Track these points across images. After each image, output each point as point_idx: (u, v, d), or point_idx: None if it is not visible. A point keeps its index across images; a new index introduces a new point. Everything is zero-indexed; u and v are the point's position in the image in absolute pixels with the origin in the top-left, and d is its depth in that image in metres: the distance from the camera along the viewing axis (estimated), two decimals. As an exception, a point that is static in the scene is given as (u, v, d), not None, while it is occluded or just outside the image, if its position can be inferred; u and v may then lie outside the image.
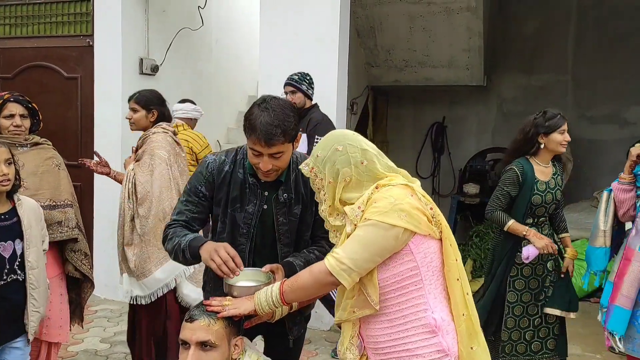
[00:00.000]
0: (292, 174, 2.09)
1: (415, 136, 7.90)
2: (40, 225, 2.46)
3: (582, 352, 4.08)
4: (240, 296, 1.86)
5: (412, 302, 1.72)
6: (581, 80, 7.05)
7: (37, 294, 2.38)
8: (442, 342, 1.71)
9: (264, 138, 1.88)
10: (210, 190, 2.08)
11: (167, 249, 2.07)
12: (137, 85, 5.21)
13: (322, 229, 2.07)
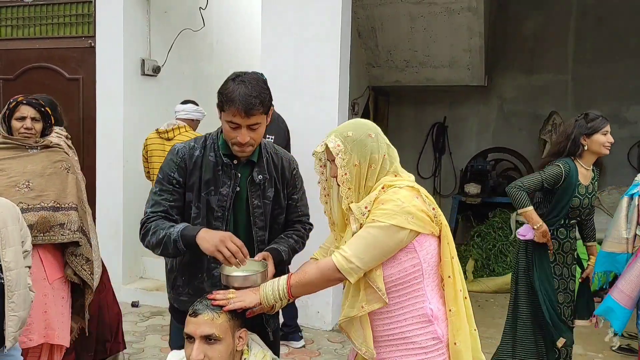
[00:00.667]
0: (263, 156, 2.11)
1: (416, 136, 7.91)
2: (17, 224, 2.33)
3: (584, 352, 4.09)
4: (242, 286, 1.87)
5: (412, 295, 1.80)
6: (581, 79, 7.06)
7: (16, 297, 2.25)
8: (437, 330, 1.81)
9: (243, 109, 1.91)
10: (183, 176, 2.05)
11: (152, 242, 2.00)
12: (139, 86, 5.24)
13: (295, 213, 2.18)
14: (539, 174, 3.24)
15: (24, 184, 2.66)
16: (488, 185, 6.84)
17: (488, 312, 5.03)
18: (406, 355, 1.81)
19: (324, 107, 4.30)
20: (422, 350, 1.80)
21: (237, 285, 1.88)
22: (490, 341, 4.27)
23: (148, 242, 2.04)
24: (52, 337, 2.71)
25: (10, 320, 2.25)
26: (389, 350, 1.84)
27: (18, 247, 2.32)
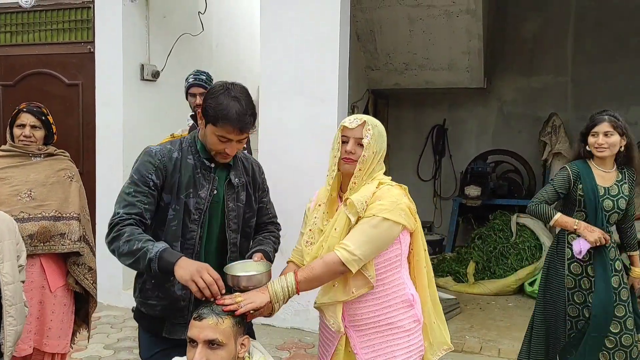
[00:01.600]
0: (238, 160, 2.16)
1: (416, 139, 7.90)
2: (14, 239, 2.33)
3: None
4: (249, 285, 1.89)
5: (395, 282, 2.00)
6: (581, 81, 7.06)
7: (14, 310, 2.25)
8: (417, 313, 2.02)
9: (239, 127, 1.95)
10: (161, 178, 2.01)
11: (122, 250, 1.90)
12: (138, 91, 5.24)
13: (267, 215, 2.26)
14: (550, 184, 3.18)
15: (26, 193, 2.65)
16: (488, 187, 6.83)
17: (489, 314, 5.02)
18: (392, 339, 1.98)
19: (323, 111, 4.29)
20: (405, 334, 1.99)
21: (245, 284, 1.89)
22: (491, 344, 4.26)
23: (117, 247, 1.93)
24: (40, 344, 2.69)
25: (8, 334, 2.25)
26: (375, 335, 1.98)
27: (14, 262, 2.32)
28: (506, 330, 4.58)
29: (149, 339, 2.14)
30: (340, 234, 1.95)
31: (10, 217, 2.42)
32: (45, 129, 2.80)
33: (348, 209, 1.95)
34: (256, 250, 2.10)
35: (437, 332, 2.08)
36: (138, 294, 2.13)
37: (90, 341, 4.18)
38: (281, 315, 4.33)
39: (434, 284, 2.13)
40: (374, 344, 1.98)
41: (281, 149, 4.32)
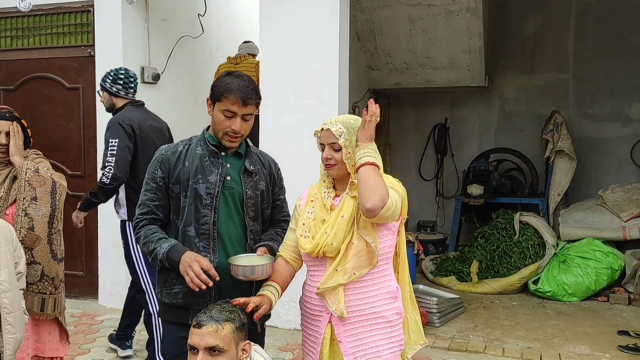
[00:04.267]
0: (252, 151, 2.27)
1: (418, 138, 7.89)
2: (11, 246, 2.33)
3: (590, 352, 4.06)
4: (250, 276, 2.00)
5: (382, 274, 2.07)
6: (582, 78, 7.04)
7: (13, 318, 2.25)
8: (400, 306, 2.11)
9: (241, 98, 2.06)
10: (166, 170, 2.16)
11: (143, 250, 2.16)
12: (139, 94, 5.21)
13: (282, 213, 2.33)
14: None
15: None
16: (491, 186, 6.81)
17: (493, 313, 5.00)
18: (375, 329, 2.05)
19: (324, 111, 4.28)
20: (388, 325, 2.07)
21: (247, 275, 1.99)
22: (496, 343, 4.25)
23: (141, 248, 2.18)
24: (42, 350, 2.68)
25: (7, 342, 2.25)
26: (360, 325, 2.04)
27: (12, 269, 2.31)
28: (510, 329, 4.56)
29: (175, 332, 2.17)
30: (347, 221, 2.01)
31: (8, 224, 2.41)
32: None
33: (352, 190, 2.03)
34: (261, 245, 2.16)
35: (414, 326, 2.19)
36: (162, 285, 2.20)
37: (94, 344, 4.20)
38: (284, 316, 4.33)
39: (410, 282, 2.23)
40: (357, 332, 2.04)
41: (282, 150, 4.30)
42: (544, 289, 5.35)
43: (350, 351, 2.03)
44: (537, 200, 6.55)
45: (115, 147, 3.49)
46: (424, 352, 3.98)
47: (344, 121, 2.08)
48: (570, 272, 5.35)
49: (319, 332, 2.09)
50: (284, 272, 2.10)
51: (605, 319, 4.83)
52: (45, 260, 2.61)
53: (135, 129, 3.60)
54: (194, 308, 2.11)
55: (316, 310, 2.11)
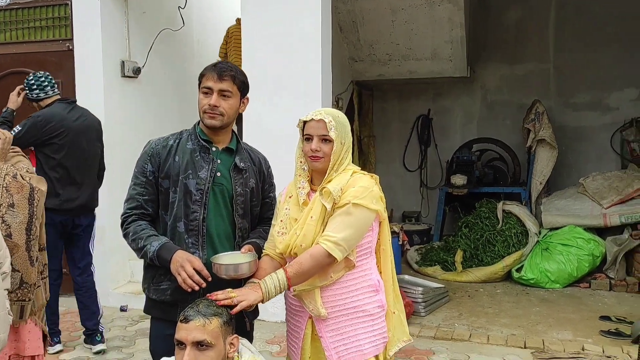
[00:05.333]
0: (242, 147, 2.25)
1: (402, 130, 7.92)
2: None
3: (573, 337, 4.13)
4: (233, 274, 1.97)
5: (363, 267, 2.06)
6: (563, 68, 7.11)
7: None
8: (382, 299, 2.09)
9: (216, 72, 2.08)
10: (156, 164, 2.14)
11: (132, 247, 2.13)
12: (120, 88, 5.18)
13: (271, 210, 2.29)
14: None
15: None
16: (474, 176, 6.87)
17: (478, 302, 5.06)
18: (356, 323, 2.03)
19: (307, 103, 4.27)
20: (369, 318, 2.05)
21: (231, 273, 1.97)
22: (480, 331, 4.30)
23: (129, 244, 2.14)
24: (22, 349, 2.65)
25: None
26: (341, 319, 2.03)
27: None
28: (495, 317, 4.62)
29: (162, 329, 2.16)
30: (317, 221, 2.00)
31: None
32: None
33: (324, 197, 2.00)
34: (247, 243, 2.15)
35: (397, 323, 2.16)
36: (150, 281, 2.18)
37: (79, 342, 4.17)
38: (271, 310, 4.33)
39: (395, 274, 2.19)
40: (339, 327, 2.03)
41: (266, 144, 4.27)
42: (527, 276, 5.42)
43: (332, 346, 2.03)
44: (520, 189, 6.62)
45: (18, 132, 3.69)
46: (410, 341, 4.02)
47: (333, 114, 2.04)
48: (553, 259, 5.42)
49: (300, 328, 2.10)
50: (268, 270, 2.05)
51: (587, 304, 4.91)
52: (24, 268, 2.56)
53: (48, 123, 3.80)
54: (182, 305, 2.10)
55: (297, 306, 2.11)
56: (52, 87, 4.00)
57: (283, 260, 2.13)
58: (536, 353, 3.83)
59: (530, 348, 3.92)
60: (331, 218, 1.99)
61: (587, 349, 3.86)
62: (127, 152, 4.84)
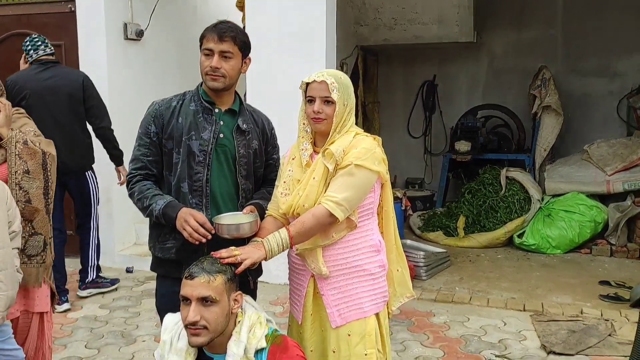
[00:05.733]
0: (245, 109, 2.25)
1: (406, 96, 7.86)
2: (5, 205, 2.32)
3: (572, 301, 4.18)
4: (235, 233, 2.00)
5: (364, 228, 2.09)
6: (571, 33, 7.00)
7: (4, 276, 2.27)
8: (383, 259, 2.12)
9: (217, 33, 2.07)
10: (160, 125, 2.15)
11: (138, 207, 2.16)
12: (123, 51, 5.15)
13: (275, 172, 2.29)
14: None
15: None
16: (478, 142, 6.84)
17: (479, 266, 5.12)
18: (357, 282, 2.07)
19: (311, 68, 4.18)
20: (370, 277, 2.08)
21: (233, 233, 2.00)
22: (481, 294, 4.36)
23: (135, 204, 2.17)
24: (31, 306, 2.71)
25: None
26: (342, 278, 2.06)
27: (4, 227, 2.31)
28: (495, 281, 4.68)
29: (167, 286, 2.21)
30: (319, 182, 2.02)
31: (2, 183, 2.40)
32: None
33: (326, 158, 2.01)
34: (250, 204, 2.17)
35: (400, 279, 2.21)
36: (155, 239, 2.22)
37: (86, 301, 4.26)
38: (274, 272, 4.39)
39: (398, 235, 2.23)
40: (340, 285, 2.06)
41: (269, 107, 4.27)
42: (528, 242, 5.47)
43: (333, 303, 2.07)
44: (524, 156, 6.61)
45: None
46: (410, 304, 4.09)
47: (335, 76, 2.04)
48: (555, 225, 5.45)
49: (303, 286, 2.14)
50: (271, 230, 2.07)
51: (587, 270, 4.97)
52: (45, 230, 2.63)
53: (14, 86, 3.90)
54: (186, 263, 2.14)
55: (300, 265, 2.14)
56: (34, 50, 4.04)
57: (286, 220, 2.15)
58: (535, 316, 3.89)
59: (529, 311, 3.99)
60: (333, 179, 2.01)
61: (586, 312, 3.92)
62: (130, 114, 4.84)
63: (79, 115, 4.09)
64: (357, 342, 2.05)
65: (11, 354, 2.44)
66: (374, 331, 2.09)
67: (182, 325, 1.86)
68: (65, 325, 3.83)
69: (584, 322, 3.75)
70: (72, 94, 4.03)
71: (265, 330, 1.89)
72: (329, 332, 2.09)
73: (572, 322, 3.74)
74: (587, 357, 3.29)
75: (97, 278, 4.43)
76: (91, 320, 3.94)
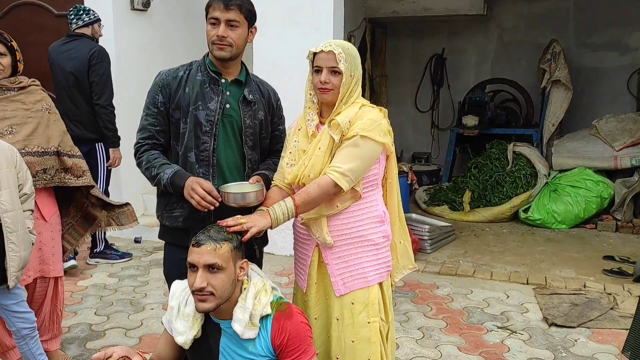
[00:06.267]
0: (251, 79, 2.25)
1: (414, 69, 7.80)
2: (14, 168, 2.36)
3: (576, 275, 4.21)
4: (241, 202, 2.03)
5: (369, 199, 2.11)
6: (583, 6, 6.88)
7: (16, 237, 2.32)
8: (387, 229, 2.15)
9: (223, 2, 2.05)
10: (167, 95, 2.16)
11: (146, 175, 2.18)
12: (129, 21, 5.12)
13: (281, 143, 2.30)
14: None
15: (7, 129, 2.59)
16: (486, 117, 6.80)
17: (484, 240, 5.14)
18: (361, 252, 2.09)
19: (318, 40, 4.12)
20: (374, 247, 2.10)
21: (238, 201, 2.03)
22: (484, 267, 4.40)
23: (143, 173, 2.19)
24: (47, 271, 2.78)
25: (11, 260, 2.32)
26: (346, 247, 2.09)
27: (14, 190, 2.35)
28: (499, 255, 4.71)
29: (175, 253, 2.24)
30: (325, 152, 2.03)
31: (11, 146, 2.43)
32: (12, 56, 2.64)
33: (332, 129, 2.01)
34: (256, 174, 2.19)
35: (403, 251, 2.25)
36: (163, 208, 2.25)
37: (95, 270, 4.34)
38: (280, 243, 4.45)
39: (402, 207, 2.25)
40: (344, 255, 2.09)
41: (276, 78, 4.26)
42: (534, 217, 5.48)
43: (337, 272, 2.10)
44: (532, 131, 6.57)
45: None
46: (414, 276, 4.13)
47: (343, 46, 2.03)
48: (561, 200, 5.46)
49: (307, 255, 2.17)
50: (276, 199, 2.09)
51: (592, 245, 4.98)
52: None
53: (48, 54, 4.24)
54: (193, 231, 2.17)
55: (304, 234, 2.17)
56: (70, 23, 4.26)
57: (292, 191, 2.17)
58: (538, 289, 3.93)
59: (532, 284, 4.03)
60: (339, 149, 2.02)
61: (589, 286, 3.95)
62: (137, 85, 4.85)
63: (84, 90, 4.14)
64: (361, 310, 2.09)
65: (24, 316, 2.52)
66: (377, 300, 2.12)
67: (189, 292, 1.90)
68: (75, 293, 3.91)
69: (587, 295, 3.78)
70: (77, 68, 4.12)
71: (270, 298, 1.92)
72: (333, 301, 2.12)
73: (574, 296, 3.77)
74: (589, 329, 3.33)
75: (105, 249, 4.51)
76: (100, 288, 4.01)
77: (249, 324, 1.86)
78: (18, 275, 2.38)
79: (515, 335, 3.28)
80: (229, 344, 1.90)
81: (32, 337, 2.56)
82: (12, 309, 2.47)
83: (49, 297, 2.84)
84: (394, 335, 2.31)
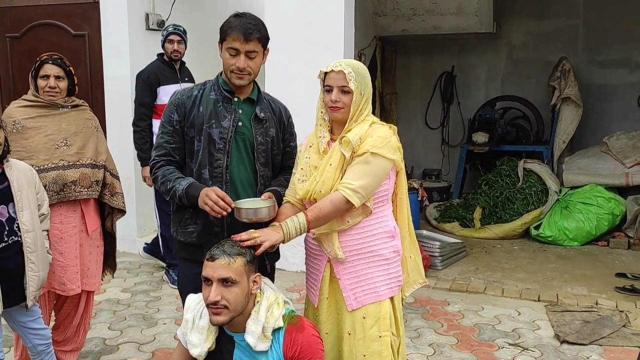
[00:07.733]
0: (263, 97, 2.32)
1: (424, 86, 7.85)
2: (34, 188, 2.45)
3: (588, 293, 4.19)
4: (253, 218, 2.07)
5: (380, 215, 2.15)
6: (592, 23, 6.92)
7: (35, 257, 2.38)
8: (397, 245, 2.18)
9: (243, 33, 2.11)
10: (182, 114, 2.23)
11: (162, 190, 2.24)
12: (144, 41, 5.23)
13: (292, 159, 2.36)
14: None
15: (62, 141, 2.72)
16: (496, 134, 6.82)
17: (495, 257, 5.13)
18: (373, 266, 2.13)
19: (329, 58, 4.21)
20: (385, 262, 2.14)
21: (251, 217, 2.07)
22: (496, 284, 4.39)
23: (159, 188, 2.26)
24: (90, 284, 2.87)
25: (31, 279, 2.38)
26: (358, 262, 2.13)
27: (34, 210, 2.43)
28: (510, 272, 4.69)
29: (190, 268, 2.28)
30: (336, 169, 2.07)
31: (30, 167, 2.51)
32: (69, 79, 2.80)
33: (343, 146, 2.06)
34: (268, 190, 2.24)
35: (413, 266, 2.28)
36: (178, 224, 2.30)
37: (109, 285, 4.38)
38: (291, 259, 4.47)
39: (411, 222, 2.29)
40: (355, 270, 2.13)
41: (287, 96, 4.31)
42: (545, 234, 5.46)
43: (349, 287, 2.13)
44: (542, 148, 6.58)
45: None
46: (425, 292, 4.13)
47: (353, 65, 2.09)
48: (572, 217, 5.44)
49: (319, 270, 2.20)
50: (288, 214, 2.14)
51: (604, 262, 4.96)
52: None
53: None
54: (207, 247, 2.21)
55: (316, 249, 2.21)
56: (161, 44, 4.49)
57: (303, 206, 2.21)
58: (549, 306, 3.91)
59: (544, 301, 4.01)
60: (350, 166, 2.06)
61: (601, 304, 3.93)
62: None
63: None
64: (372, 324, 2.11)
65: (40, 332, 2.56)
66: (388, 314, 2.14)
67: (204, 305, 1.93)
68: (89, 308, 3.95)
69: (599, 313, 3.76)
70: None
71: (282, 311, 1.96)
72: (345, 315, 2.15)
73: (586, 313, 3.75)
74: (601, 347, 3.31)
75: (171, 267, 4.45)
76: (114, 303, 4.05)
77: (261, 337, 1.89)
78: (36, 295, 2.45)
79: (526, 352, 3.27)
80: (242, 357, 1.93)
81: (48, 352, 2.61)
82: (28, 326, 2.52)
83: (80, 309, 2.91)
84: (405, 350, 2.32)
